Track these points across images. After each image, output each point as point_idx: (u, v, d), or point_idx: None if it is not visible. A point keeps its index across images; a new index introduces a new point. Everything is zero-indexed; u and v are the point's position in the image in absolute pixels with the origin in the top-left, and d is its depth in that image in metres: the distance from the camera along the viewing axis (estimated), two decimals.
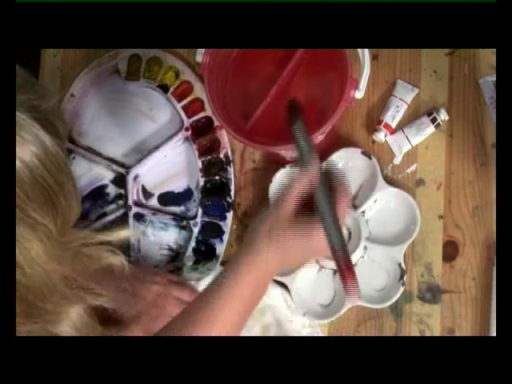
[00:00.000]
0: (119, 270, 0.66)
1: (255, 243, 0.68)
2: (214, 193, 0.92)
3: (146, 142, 0.95)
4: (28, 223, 0.53)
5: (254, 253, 0.68)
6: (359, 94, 0.78)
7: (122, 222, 0.93)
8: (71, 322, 0.61)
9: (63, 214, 0.57)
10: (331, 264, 0.88)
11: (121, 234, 0.68)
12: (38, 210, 0.53)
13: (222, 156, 0.92)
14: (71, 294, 0.60)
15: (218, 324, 0.66)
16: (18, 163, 0.52)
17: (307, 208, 0.68)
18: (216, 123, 0.92)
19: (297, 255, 0.69)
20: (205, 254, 0.92)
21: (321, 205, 0.67)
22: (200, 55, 0.82)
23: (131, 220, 0.92)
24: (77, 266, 0.60)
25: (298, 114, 0.68)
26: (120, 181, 0.94)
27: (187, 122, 0.92)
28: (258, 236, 0.68)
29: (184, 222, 0.92)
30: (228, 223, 0.92)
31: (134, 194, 0.93)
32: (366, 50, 0.79)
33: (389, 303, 0.86)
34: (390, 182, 0.89)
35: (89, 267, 0.62)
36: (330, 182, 0.68)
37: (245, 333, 0.87)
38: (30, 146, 0.53)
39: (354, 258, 0.87)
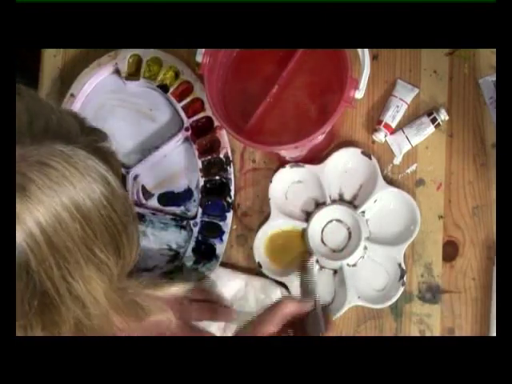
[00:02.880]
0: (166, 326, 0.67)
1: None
2: (214, 193, 0.92)
3: (146, 141, 0.94)
4: (94, 263, 0.54)
5: None
6: (359, 94, 0.78)
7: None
8: None
9: (124, 256, 0.58)
10: (331, 264, 0.88)
11: (171, 290, 0.69)
12: (104, 251, 0.55)
13: (222, 156, 0.92)
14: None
15: None
16: (89, 204, 0.53)
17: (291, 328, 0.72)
18: (216, 123, 0.92)
19: None
20: (205, 254, 0.92)
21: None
22: (200, 55, 0.82)
23: None
24: (130, 315, 0.61)
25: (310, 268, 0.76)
26: None
27: (187, 122, 0.92)
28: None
29: (184, 222, 0.92)
30: (228, 223, 0.92)
31: (133, 193, 0.93)
32: (366, 50, 0.79)
33: (389, 303, 0.86)
34: (390, 181, 0.89)
35: (140, 319, 0.63)
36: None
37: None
38: (99, 186, 0.54)
39: (354, 257, 0.87)
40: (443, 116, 0.88)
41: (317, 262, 0.89)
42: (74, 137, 0.56)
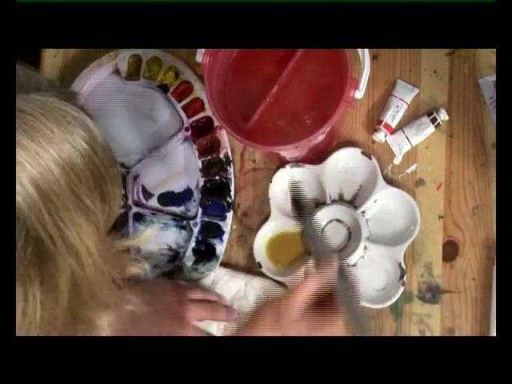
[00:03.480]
0: (143, 278, 0.67)
1: (258, 323, 0.69)
2: (214, 193, 0.92)
3: (146, 141, 0.94)
4: (83, 210, 0.54)
5: (255, 328, 0.69)
6: (359, 94, 0.78)
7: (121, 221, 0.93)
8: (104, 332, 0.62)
9: (110, 201, 0.58)
10: None
11: (145, 235, 0.69)
12: (90, 196, 0.55)
13: (222, 156, 0.92)
14: (109, 298, 0.61)
15: None
16: (69, 148, 0.53)
17: (323, 303, 0.70)
18: (216, 123, 0.92)
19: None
20: (205, 254, 0.92)
21: (341, 298, 0.69)
22: (200, 55, 0.82)
23: (131, 220, 0.92)
24: (115, 268, 0.61)
25: (305, 204, 0.73)
26: None
27: (187, 122, 0.92)
28: (262, 317, 0.69)
29: (184, 222, 0.92)
30: (228, 223, 0.92)
31: (133, 193, 0.93)
32: (366, 50, 0.79)
33: (389, 303, 0.86)
34: (390, 182, 0.89)
35: (123, 272, 0.63)
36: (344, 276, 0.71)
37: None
38: (77, 130, 0.54)
39: (354, 257, 0.87)
40: (443, 116, 0.88)
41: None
42: (43, 89, 0.56)
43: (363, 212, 0.88)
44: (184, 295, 0.86)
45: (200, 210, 0.91)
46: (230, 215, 0.92)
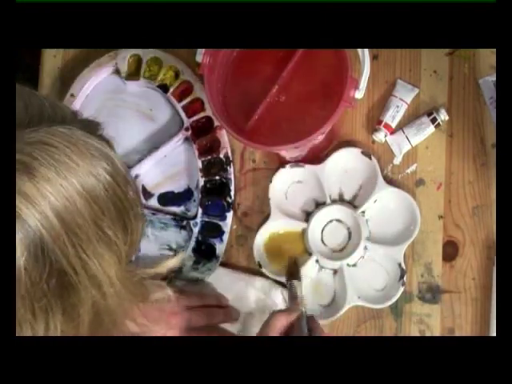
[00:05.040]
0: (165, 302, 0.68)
1: None
2: (214, 193, 0.92)
3: (146, 141, 0.94)
4: (105, 241, 0.55)
5: None
6: (359, 94, 0.78)
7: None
8: None
9: (132, 232, 0.58)
10: (331, 264, 0.88)
11: (169, 263, 0.70)
12: (112, 227, 0.55)
13: (222, 156, 0.92)
14: (124, 324, 0.62)
15: None
16: (93, 180, 0.53)
17: None
18: (216, 123, 0.92)
19: None
20: (205, 254, 0.92)
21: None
22: (200, 55, 0.82)
23: None
24: (137, 295, 0.62)
25: (297, 273, 0.83)
26: None
27: (187, 121, 0.92)
28: None
29: (184, 222, 0.92)
30: (228, 223, 0.91)
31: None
32: (366, 50, 0.79)
33: (389, 303, 0.86)
34: (390, 182, 0.89)
35: (144, 299, 0.64)
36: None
37: (245, 333, 0.88)
38: (100, 162, 0.55)
39: (354, 258, 0.87)
40: (443, 116, 0.88)
41: (317, 261, 0.89)
42: (69, 121, 0.56)
43: (363, 212, 0.88)
44: (178, 305, 0.85)
45: (200, 210, 0.91)
46: (229, 215, 0.92)
